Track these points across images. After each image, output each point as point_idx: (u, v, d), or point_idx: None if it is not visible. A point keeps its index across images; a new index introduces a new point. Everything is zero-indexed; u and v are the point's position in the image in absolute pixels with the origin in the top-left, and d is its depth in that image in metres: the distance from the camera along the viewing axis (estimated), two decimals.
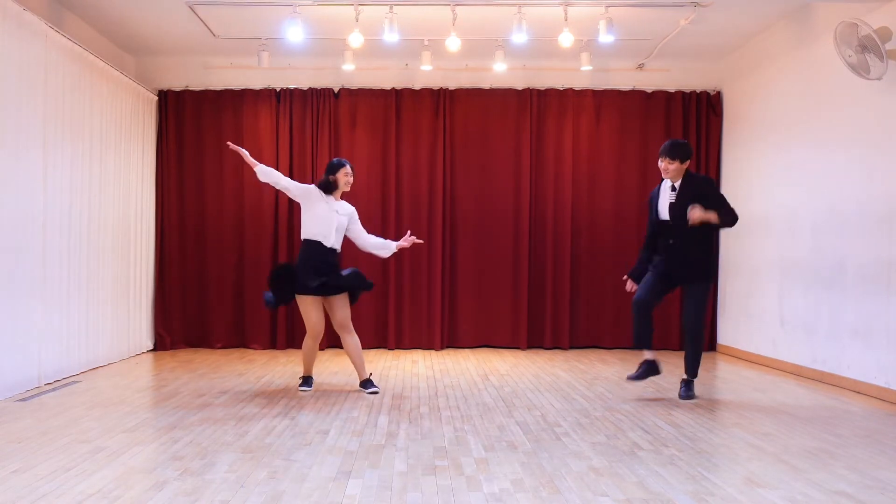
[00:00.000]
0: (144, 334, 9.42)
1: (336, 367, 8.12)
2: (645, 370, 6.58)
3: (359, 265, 9.59)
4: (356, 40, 8.04)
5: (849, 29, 6.40)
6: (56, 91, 7.15)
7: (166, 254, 9.77)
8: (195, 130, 9.87)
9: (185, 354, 9.24)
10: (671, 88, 10.00)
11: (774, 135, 8.55)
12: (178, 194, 9.84)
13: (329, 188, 6.61)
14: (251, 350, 9.68)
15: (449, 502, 3.73)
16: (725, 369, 8.33)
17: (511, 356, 9.28)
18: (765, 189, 8.72)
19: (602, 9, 7.78)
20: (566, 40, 8.04)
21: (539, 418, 5.70)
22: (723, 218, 6.33)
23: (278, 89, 9.91)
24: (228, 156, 9.71)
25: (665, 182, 6.52)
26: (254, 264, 9.82)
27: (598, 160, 9.97)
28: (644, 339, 6.51)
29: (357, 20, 7.84)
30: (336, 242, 6.65)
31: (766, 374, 7.96)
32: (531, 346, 9.92)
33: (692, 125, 9.94)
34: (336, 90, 9.95)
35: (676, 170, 6.39)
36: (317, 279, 6.47)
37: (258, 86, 9.91)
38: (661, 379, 7.49)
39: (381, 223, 9.76)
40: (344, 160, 6.76)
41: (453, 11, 7.78)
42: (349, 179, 6.69)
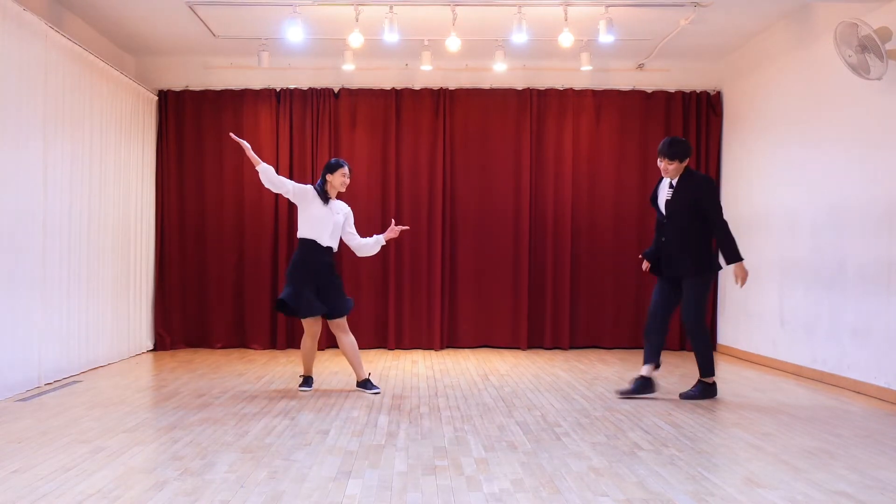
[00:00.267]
0: (144, 334, 9.42)
1: (336, 367, 8.12)
2: (640, 386, 6.49)
3: (359, 265, 9.71)
4: (356, 40, 8.05)
5: (849, 29, 6.40)
6: (56, 91, 7.15)
7: (166, 254, 9.77)
8: (195, 130, 9.87)
9: (185, 354, 9.24)
10: (671, 88, 10.00)
11: (774, 135, 8.54)
12: (178, 194, 9.83)
13: (324, 194, 6.69)
14: (251, 350, 9.68)
15: (449, 502, 3.73)
16: (725, 369, 8.33)
17: (511, 356, 9.27)
18: (765, 189, 8.72)
19: (602, 9, 7.78)
20: (566, 40, 8.04)
21: (539, 418, 5.70)
22: (721, 243, 6.37)
23: (278, 89, 9.90)
24: (228, 156, 9.72)
25: (664, 181, 6.54)
26: (254, 264, 9.82)
27: (598, 160, 9.97)
28: (651, 355, 6.46)
29: (357, 20, 7.84)
30: (332, 241, 6.73)
31: (766, 374, 7.96)
32: (531, 347, 9.91)
33: (692, 125, 9.94)
34: (336, 90, 9.94)
35: (676, 169, 6.39)
36: (309, 300, 6.55)
37: (258, 86, 9.91)
38: (661, 379, 7.48)
39: (381, 223, 9.74)
40: (342, 161, 6.81)
41: (453, 11, 7.78)
42: (345, 180, 6.76)
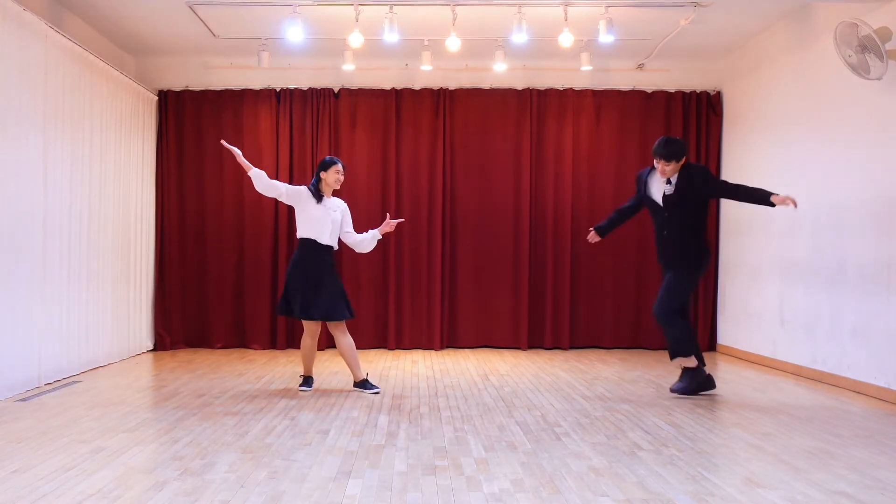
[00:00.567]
0: (144, 334, 9.41)
1: (336, 367, 8.12)
2: (690, 380, 6.54)
3: (359, 265, 9.71)
4: (356, 40, 8.04)
5: (849, 29, 6.40)
6: (56, 91, 7.15)
7: (166, 254, 9.77)
8: (195, 130, 9.86)
9: (185, 354, 9.24)
10: (671, 88, 9.99)
11: (774, 135, 8.54)
12: (178, 194, 9.83)
13: (318, 193, 6.69)
14: (251, 350, 9.68)
15: (449, 502, 3.73)
16: (725, 369, 8.33)
17: (511, 356, 9.27)
18: (764, 188, 8.69)
19: (602, 9, 7.78)
20: (566, 40, 8.04)
21: (539, 418, 5.70)
22: (750, 195, 6.46)
23: (278, 89, 9.90)
24: (228, 156, 9.63)
25: (656, 171, 6.55)
26: (254, 264, 9.81)
27: (598, 160, 9.97)
28: (675, 348, 6.49)
29: (357, 20, 7.84)
30: (332, 240, 6.74)
31: (766, 374, 7.96)
32: (531, 347, 9.91)
33: (692, 125, 9.94)
34: (336, 90, 9.94)
35: (673, 168, 6.42)
36: (307, 301, 6.58)
37: (258, 86, 9.90)
38: (662, 379, 7.50)
39: (381, 223, 9.72)
40: (336, 158, 6.83)
41: (453, 11, 7.78)
42: (339, 178, 6.77)
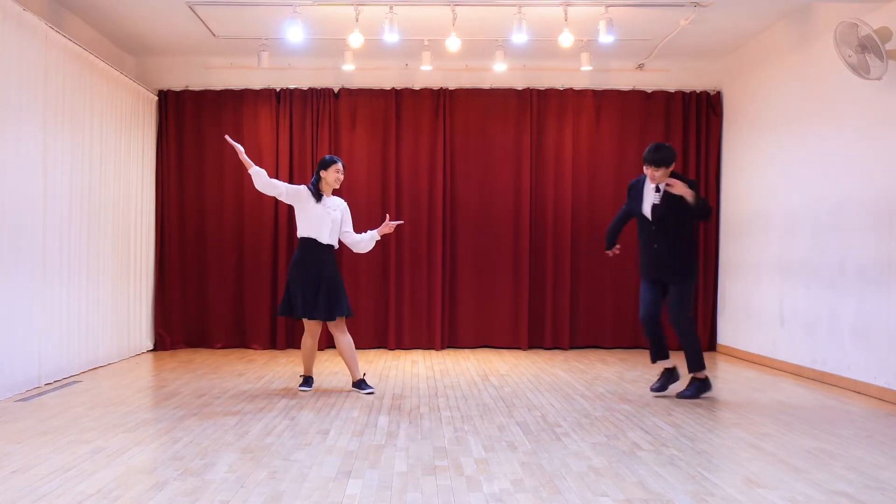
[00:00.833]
0: (144, 334, 9.41)
1: (336, 367, 8.12)
2: (666, 379, 6.65)
3: (359, 265, 9.71)
4: (356, 40, 8.04)
5: (849, 29, 6.40)
6: (56, 91, 7.15)
7: (166, 254, 9.77)
8: (195, 130, 9.86)
9: (185, 354, 9.24)
10: (671, 88, 9.99)
11: (774, 134, 8.54)
12: (178, 194, 9.83)
13: (317, 192, 6.69)
14: (251, 350, 9.68)
15: (449, 502, 3.73)
16: (725, 369, 8.33)
17: (511, 356, 9.27)
18: (765, 188, 8.72)
19: (602, 9, 7.78)
20: (566, 40, 8.04)
21: (539, 418, 5.70)
22: (699, 202, 6.35)
23: (278, 89, 9.90)
24: (228, 156, 9.70)
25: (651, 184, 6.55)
26: (254, 264, 9.82)
27: (598, 160, 9.97)
28: (660, 352, 6.61)
29: (357, 20, 7.84)
30: (332, 239, 6.74)
31: (766, 374, 7.96)
32: (531, 347, 9.91)
33: (692, 125, 9.94)
34: (336, 90, 9.94)
35: (663, 175, 6.43)
36: (307, 301, 6.58)
37: (258, 86, 9.90)
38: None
39: (381, 223, 9.73)
40: (336, 157, 6.82)
41: (453, 11, 7.78)
42: (339, 177, 6.77)
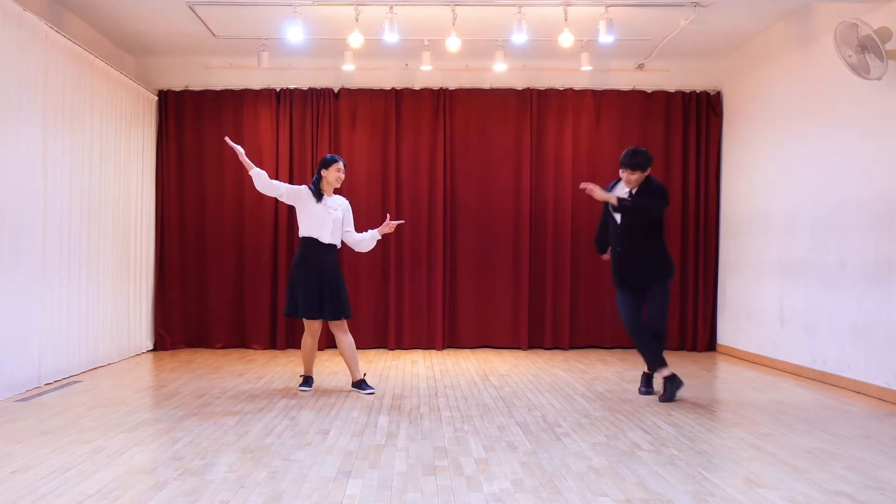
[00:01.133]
0: (144, 334, 9.41)
1: (336, 367, 8.12)
2: (672, 387, 6.43)
3: (359, 265, 9.71)
4: (356, 40, 8.04)
5: (849, 29, 6.40)
6: (56, 91, 7.15)
7: (166, 254, 9.77)
8: (195, 130, 9.86)
9: (185, 354, 9.24)
10: (671, 88, 10.00)
11: (774, 135, 8.54)
12: (178, 194, 9.83)
13: (318, 191, 6.69)
14: (251, 350, 9.68)
15: (449, 502, 3.73)
16: (725, 369, 8.33)
17: (511, 356, 9.27)
18: (765, 188, 8.72)
19: (602, 9, 7.78)
20: (566, 40, 8.04)
21: (539, 418, 5.70)
22: (624, 206, 6.32)
23: (278, 89, 9.90)
24: (228, 156, 9.69)
25: (622, 182, 6.55)
26: (254, 264, 9.81)
27: (598, 160, 9.96)
28: (658, 360, 6.49)
29: (357, 20, 7.84)
30: (334, 239, 6.74)
31: (766, 374, 7.96)
32: (531, 347, 9.91)
33: (692, 125, 9.94)
34: (336, 90, 9.94)
35: (637, 179, 6.44)
36: (309, 300, 6.58)
37: (258, 86, 9.90)
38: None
39: (381, 223, 9.72)
40: (337, 156, 6.82)
41: (453, 11, 7.78)
42: (340, 176, 6.77)
